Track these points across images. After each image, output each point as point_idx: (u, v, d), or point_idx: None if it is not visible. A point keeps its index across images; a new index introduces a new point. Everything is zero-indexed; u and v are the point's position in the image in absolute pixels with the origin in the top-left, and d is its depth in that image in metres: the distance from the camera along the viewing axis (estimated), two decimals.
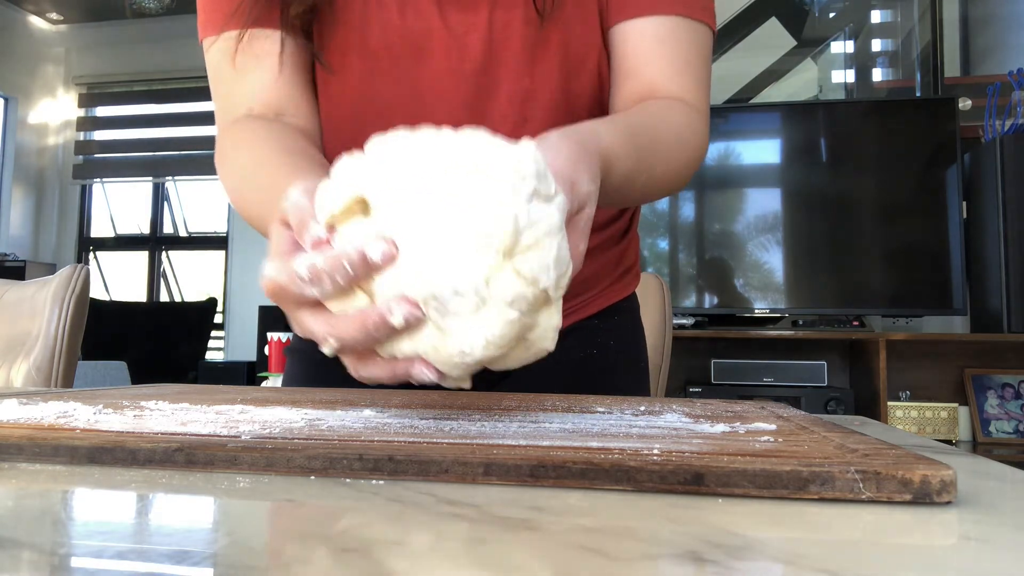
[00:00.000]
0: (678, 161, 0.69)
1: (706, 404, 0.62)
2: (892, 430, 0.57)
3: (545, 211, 0.40)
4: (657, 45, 0.73)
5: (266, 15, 0.73)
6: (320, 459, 0.35)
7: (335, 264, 0.40)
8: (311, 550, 0.24)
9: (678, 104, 0.71)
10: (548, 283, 0.39)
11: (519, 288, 0.39)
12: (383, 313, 0.40)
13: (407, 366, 0.42)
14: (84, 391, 0.71)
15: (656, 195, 0.71)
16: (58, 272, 1.26)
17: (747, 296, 2.87)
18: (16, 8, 4.84)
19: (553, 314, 0.42)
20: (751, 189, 2.98)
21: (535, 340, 0.42)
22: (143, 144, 5.03)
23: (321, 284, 0.41)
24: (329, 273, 0.40)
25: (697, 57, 0.74)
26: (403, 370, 0.42)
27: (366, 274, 0.40)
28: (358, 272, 0.40)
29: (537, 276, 0.39)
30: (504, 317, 0.39)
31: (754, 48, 3.25)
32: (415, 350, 0.41)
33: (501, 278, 0.39)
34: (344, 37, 0.74)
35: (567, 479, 0.33)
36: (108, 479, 0.35)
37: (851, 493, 0.31)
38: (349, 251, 0.40)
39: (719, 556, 0.24)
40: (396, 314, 0.39)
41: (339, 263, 0.40)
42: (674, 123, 0.69)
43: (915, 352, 2.76)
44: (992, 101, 2.74)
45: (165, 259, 5.13)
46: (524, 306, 0.40)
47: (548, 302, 0.41)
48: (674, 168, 0.68)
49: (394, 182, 0.40)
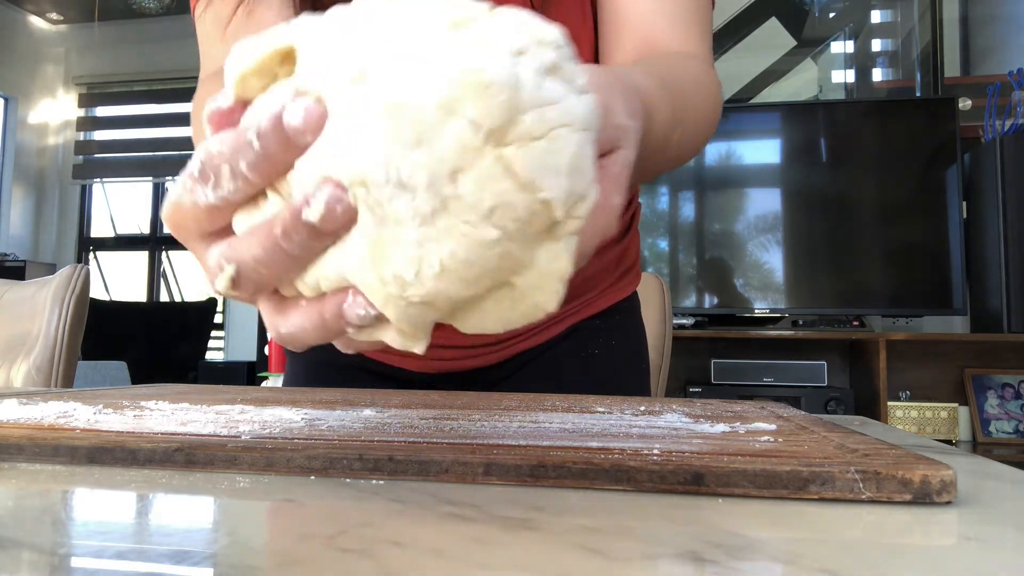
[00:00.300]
0: (706, 113, 0.62)
1: (706, 404, 0.62)
2: (892, 430, 0.57)
3: (566, 92, 0.28)
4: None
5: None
6: (320, 459, 0.35)
7: (237, 143, 0.27)
8: (311, 550, 0.24)
9: (689, 58, 0.65)
10: (555, 194, 0.27)
11: (506, 191, 0.26)
12: (296, 207, 0.27)
13: (336, 302, 0.29)
14: (84, 391, 0.71)
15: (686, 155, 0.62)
16: (58, 272, 1.26)
17: (747, 296, 2.87)
18: (16, 8, 4.84)
19: (559, 253, 0.28)
20: (751, 189, 2.98)
21: (526, 289, 0.28)
22: (143, 144, 5.03)
23: (218, 180, 0.28)
24: (229, 157, 0.27)
25: (699, 10, 0.68)
26: (332, 310, 0.29)
27: (283, 156, 0.27)
28: (271, 151, 0.27)
29: (537, 179, 0.26)
30: (476, 234, 0.26)
31: (754, 48, 3.25)
32: (341, 273, 0.28)
33: (479, 169, 0.26)
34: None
35: (567, 479, 0.33)
36: (108, 479, 0.35)
37: (851, 493, 0.31)
38: (257, 119, 0.27)
39: (719, 556, 0.24)
40: (314, 204, 0.27)
41: (242, 140, 0.27)
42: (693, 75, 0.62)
43: (915, 352, 2.76)
44: (992, 101, 2.74)
45: (165, 259, 5.13)
46: (510, 222, 0.27)
47: (552, 229, 0.28)
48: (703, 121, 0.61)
49: (338, 30, 0.28)
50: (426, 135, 0.26)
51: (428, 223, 0.26)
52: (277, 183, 0.28)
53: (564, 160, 0.27)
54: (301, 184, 0.27)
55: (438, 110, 0.25)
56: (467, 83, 0.26)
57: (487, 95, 0.26)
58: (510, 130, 0.26)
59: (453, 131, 0.26)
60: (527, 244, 0.28)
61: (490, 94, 0.26)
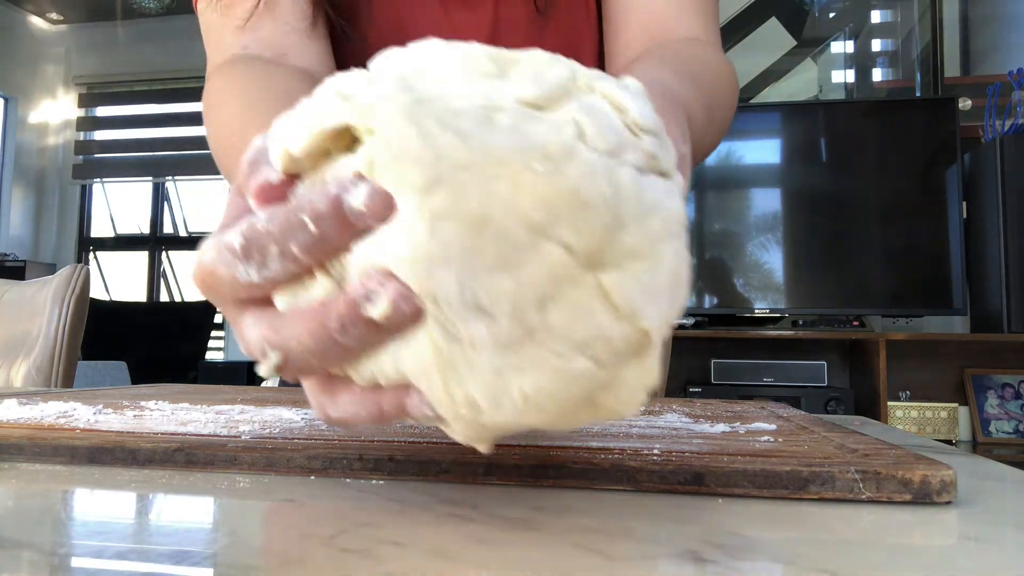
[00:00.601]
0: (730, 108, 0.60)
1: (706, 404, 0.62)
2: (892, 430, 0.57)
3: (667, 193, 0.24)
4: None
5: None
6: (320, 459, 0.35)
7: (288, 223, 0.25)
8: (311, 550, 0.24)
9: (701, 45, 0.62)
10: (655, 321, 0.24)
11: (603, 324, 0.23)
12: (354, 298, 0.24)
13: (397, 396, 0.26)
14: (84, 391, 0.71)
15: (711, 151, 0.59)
16: (58, 272, 1.26)
17: (747, 296, 2.87)
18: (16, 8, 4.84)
19: (649, 367, 0.25)
20: (751, 189, 2.98)
21: (609, 405, 0.25)
22: (143, 144, 5.03)
23: (264, 259, 0.25)
24: (278, 237, 0.25)
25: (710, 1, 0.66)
26: (390, 406, 0.26)
27: (340, 240, 0.24)
28: (328, 234, 0.24)
29: (638, 307, 0.23)
30: (564, 365, 0.23)
31: (754, 48, 3.25)
32: (401, 372, 0.25)
33: (572, 299, 0.23)
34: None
35: (567, 479, 0.33)
36: (108, 479, 0.35)
37: (851, 493, 0.31)
38: (313, 199, 0.24)
39: (719, 556, 0.24)
40: (378, 301, 0.24)
41: (294, 221, 0.25)
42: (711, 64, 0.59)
43: (915, 352, 2.76)
44: (992, 101, 2.74)
45: (165, 259, 5.13)
46: (604, 353, 0.24)
47: (645, 347, 0.25)
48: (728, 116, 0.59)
49: (404, 107, 0.23)
50: (512, 258, 0.22)
51: (509, 351, 0.23)
52: (327, 263, 0.25)
53: (666, 279, 0.24)
54: (359, 268, 0.24)
55: (528, 230, 0.22)
56: (562, 202, 0.22)
57: (585, 216, 0.22)
58: (608, 251, 0.23)
59: (544, 255, 0.22)
60: (618, 368, 0.24)
61: (588, 215, 0.22)
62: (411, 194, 0.23)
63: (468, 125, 0.23)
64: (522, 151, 0.22)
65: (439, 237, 0.22)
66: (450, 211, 0.22)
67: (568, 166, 0.22)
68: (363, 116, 0.24)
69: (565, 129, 0.23)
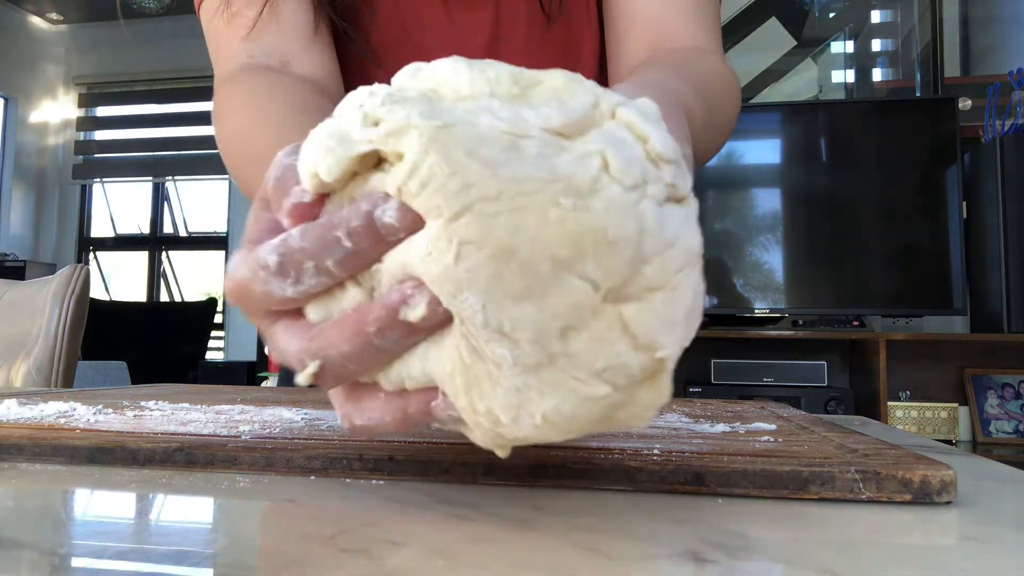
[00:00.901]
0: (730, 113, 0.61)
1: (706, 404, 0.62)
2: (892, 430, 0.57)
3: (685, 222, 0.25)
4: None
5: None
6: (320, 459, 0.35)
7: (324, 240, 0.26)
8: (311, 550, 0.24)
9: (704, 53, 0.63)
10: (671, 350, 0.25)
11: (621, 354, 0.24)
12: (391, 304, 0.25)
13: (422, 403, 0.27)
14: (84, 391, 0.71)
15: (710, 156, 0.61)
16: (58, 272, 1.26)
17: (747, 296, 2.87)
18: (16, 8, 4.84)
19: (661, 387, 0.26)
20: (751, 189, 2.98)
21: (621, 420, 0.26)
22: (143, 144, 5.03)
23: (299, 275, 0.27)
24: (314, 253, 0.26)
25: (711, 7, 0.67)
26: (416, 409, 0.27)
27: (372, 252, 0.26)
28: (362, 248, 0.26)
29: (655, 337, 0.24)
30: (584, 390, 0.24)
31: (754, 48, 3.25)
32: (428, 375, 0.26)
33: (593, 330, 0.24)
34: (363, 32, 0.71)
35: (567, 479, 0.33)
36: (108, 479, 0.35)
37: (851, 493, 0.31)
38: (347, 217, 0.26)
39: (719, 556, 0.24)
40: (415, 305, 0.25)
41: (330, 237, 0.26)
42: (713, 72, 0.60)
43: (915, 352, 2.76)
44: (992, 101, 2.73)
45: (165, 259, 5.13)
46: (623, 381, 0.24)
47: (660, 372, 0.25)
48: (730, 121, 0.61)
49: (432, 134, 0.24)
50: (536, 289, 0.23)
51: (530, 374, 0.24)
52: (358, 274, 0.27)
53: (682, 310, 0.25)
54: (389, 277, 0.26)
55: (553, 264, 0.23)
56: (586, 236, 0.23)
57: (610, 253, 0.23)
58: (630, 284, 0.24)
59: (567, 289, 0.23)
60: (633, 391, 0.25)
61: (613, 252, 0.23)
62: (439, 219, 0.24)
63: (495, 153, 0.23)
64: (549, 183, 0.23)
65: (465, 264, 0.23)
66: (477, 240, 0.23)
67: (594, 201, 0.23)
68: (391, 142, 0.24)
69: (591, 161, 0.24)
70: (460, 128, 0.24)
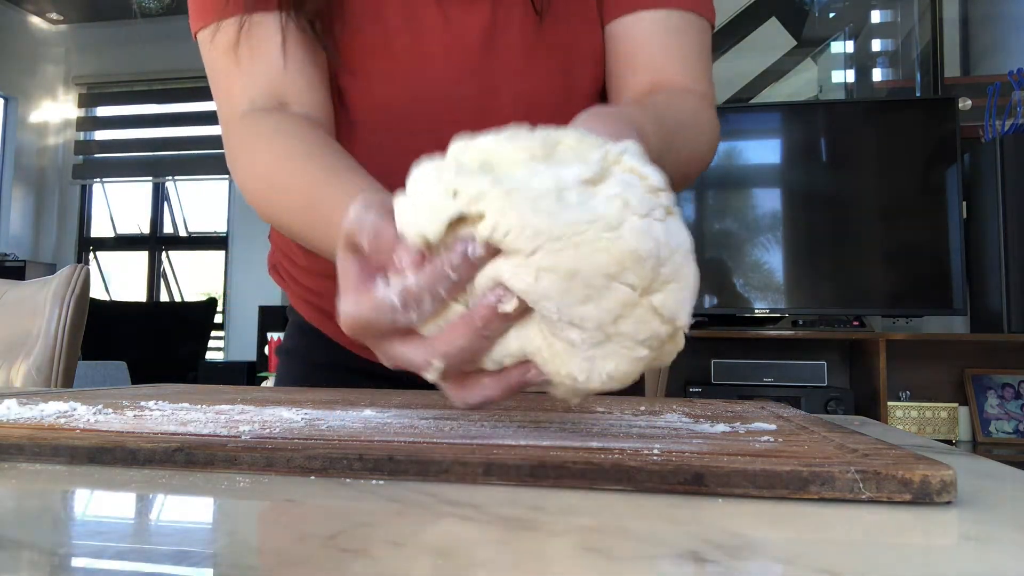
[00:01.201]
0: (699, 144, 0.69)
1: (706, 404, 0.62)
2: (892, 430, 0.57)
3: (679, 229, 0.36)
4: (665, 38, 0.72)
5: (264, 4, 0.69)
6: (320, 459, 0.35)
7: (436, 276, 0.36)
8: (311, 550, 0.24)
9: (690, 94, 0.71)
10: (686, 321, 0.36)
11: (655, 328, 0.35)
12: (491, 303, 0.35)
13: (521, 374, 0.37)
14: (84, 391, 0.71)
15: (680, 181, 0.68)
16: (58, 272, 1.26)
17: (747, 296, 2.87)
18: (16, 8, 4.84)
19: (678, 340, 0.37)
20: (751, 189, 2.97)
21: (655, 365, 0.38)
22: (143, 144, 5.03)
23: (420, 306, 0.36)
24: (430, 287, 0.36)
25: (703, 50, 0.74)
26: (517, 379, 0.38)
27: (468, 277, 0.35)
28: (463, 276, 0.35)
29: (675, 313, 0.35)
30: (633, 354, 0.35)
31: (754, 48, 3.25)
32: (523, 350, 0.37)
33: (634, 316, 0.34)
34: (349, 37, 0.72)
35: (567, 479, 0.33)
36: (108, 479, 0.35)
37: (851, 493, 0.31)
38: (448, 258, 0.35)
39: (719, 556, 0.24)
40: (508, 299, 0.35)
41: (441, 273, 0.35)
42: (690, 109, 0.68)
43: (915, 352, 2.76)
44: (992, 101, 2.74)
45: (165, 259, 5.13)
46: (657, 344, 0.36)
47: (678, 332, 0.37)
48: (697, 152, 0.69)
49: (503, 197, 0.34)
50: (594, 295, 0.34)
51: (595, 347, 0.35)
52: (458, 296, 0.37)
53: (689, 290, 0.36)
54: (481, 288, 0.35)
55: (605, 278, 0.33)
56: (626, 257, 0.33)
57: (641, 265, 0.33)
58: (655, 282, 0.34)
59: (615, 292, 0.34)
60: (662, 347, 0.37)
61: (643, 264, 0.33)
62: (519, 255, 0.34)
63: (550, 205, 0.33)
64: (592, 222, 0.33)
65: (542, 284, 0.34)
66: (549, 267, 0.33)
67: (624, 231, 0.33)
68: (473, 206, 0.35)
69: (615, 202, 0.34)
70: (521, 191, 0.34)
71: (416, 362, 0.38)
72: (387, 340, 0.39)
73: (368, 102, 0.74)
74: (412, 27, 0.72)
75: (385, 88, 0.73)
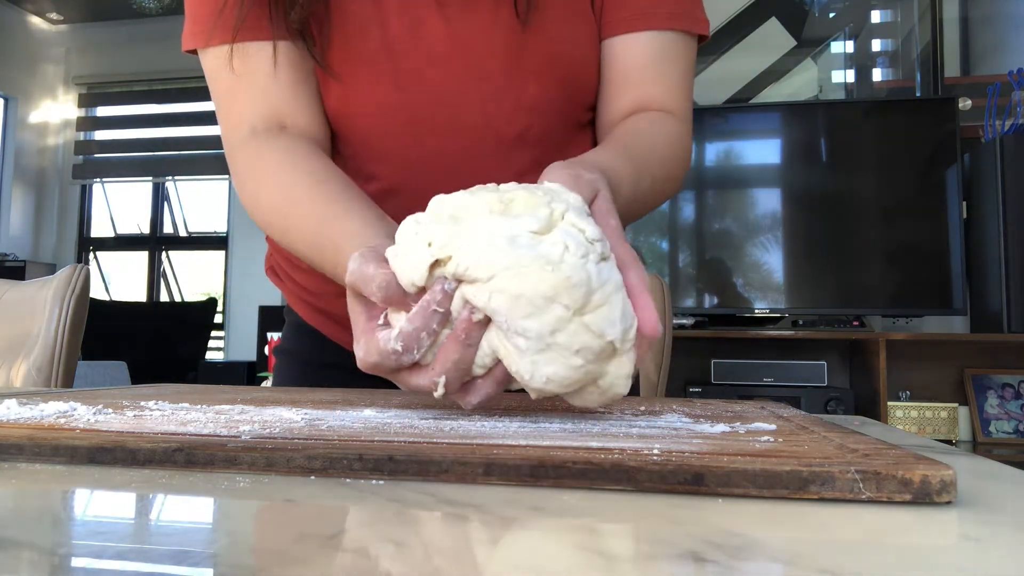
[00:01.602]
0: (674, 169, 0.75)
1: (706, 404, 0.62)
2: (892, 430, 0.57)
3: (611, 270, 0.45)
4: (657, 62, 0.76)
5: (254, 24, 0.71)
6: (320, 459, 0.35)
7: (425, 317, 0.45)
8: (311, 550, 0.24)
9: (668, 118, 0.76)
10: (614, 336, 0.44)
11: (587, 340, 0.43)
12: (467, 318, 0.44)
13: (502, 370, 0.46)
14: (84, 391, 0.71)
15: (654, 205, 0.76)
16: (58, 272, 1.26)
17: (747, 296, 2.87)
18: (16, 8, 4.84)
19: (624, 363, 0.45)
20: (751, 189, 2.98)
21: (607, 387, 0.46)
22: (143, 144, 5.03)
23: (419, 345, 0.45)
24: (424, 327, 0.45)
25: (689, 72, 0.79)
26: (501, 373, 0.46)
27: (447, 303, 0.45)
28: (444, 305, 0.45)
29: (604, 330, 0.43)
30: (568, 362, 0.44)
31: (754, 48, 3.25)
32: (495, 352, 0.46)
33: (568, 331, 0.43)
34: (341, 41, 0.72)
35: (567, 479, 0.33)
36: (108, 479, 0.35)
37: (851, 493, 0.31)
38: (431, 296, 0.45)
39: (719, 556, 0.24)
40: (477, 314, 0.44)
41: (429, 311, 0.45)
42: (664, 137, 0.74)
43: (915, 352, 2.76)
44: (992, 101, 2.74)
45: (165, 259, 5.13)
46: (590, 356, 0.44)
47: (616, 353, 0.45)
48: (671, 175, 0.75)
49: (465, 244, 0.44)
50: (535, 313, 0.42)
51: (537, 353, 0.44)
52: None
53: (617, 313, 0.44)
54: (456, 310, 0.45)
55: (544, 300, 0.42)
56: (561, 284, 0.42)
57: (573, 291, 0.42)
58: (586, 305, 0.43)
59: (553, 311, 0.42)
60: (602, 363, 0.45)
61: (575, 290, 0.42)
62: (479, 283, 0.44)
63: (503, 245, 0.43)
64: (537, 259, 0.42)
65: (494, 302, 0.43)
66: (499, 289, 0.43)
67: (563, 266, 0.42)
68: (443, 252, 0.44)
69: (557, 247, 0.43)
70: (480, 236, 0.44)
71: (424, 386, 0.47)
72: (397, 375, 0.48)
73: (370, 108, 0.74)
74: (413, 31, 0.72)
75: (388, 93, 0.73)
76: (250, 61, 0.72)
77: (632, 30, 0.76)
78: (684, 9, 0.76)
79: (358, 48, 0.72)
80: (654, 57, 0.76)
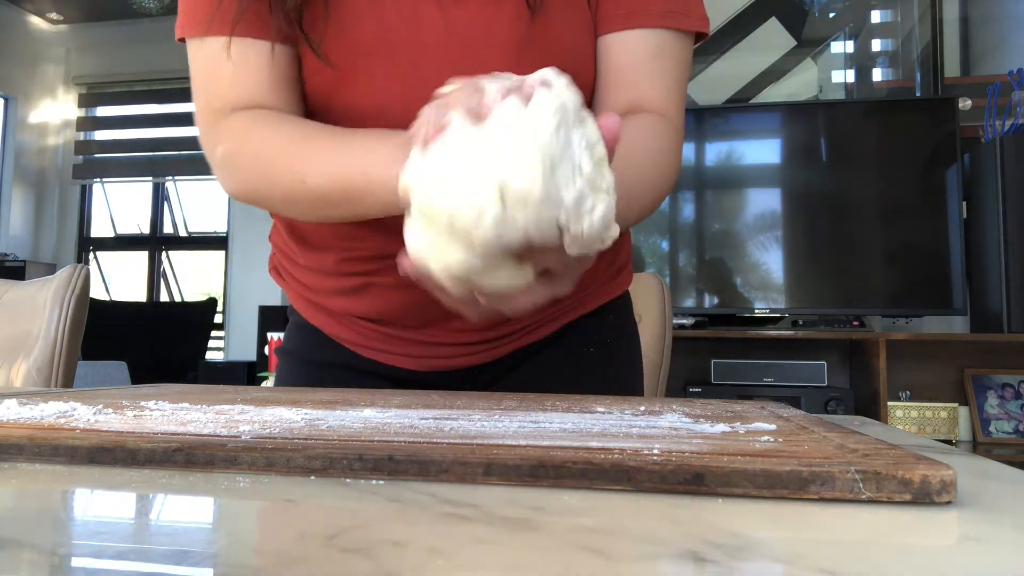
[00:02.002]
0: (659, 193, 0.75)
1: (706, 404, 0.62)
2: (892, 430, 0.57)
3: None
4: (650, 61, 0.76)
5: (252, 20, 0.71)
6: (320, 459, 0.35)
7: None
8: (311, 550, 0.24)
9: (661, 122, 0.75)
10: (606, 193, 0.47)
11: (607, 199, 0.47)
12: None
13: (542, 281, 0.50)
14: (84, 391, 0.71)
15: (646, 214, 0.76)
16: (58, 272, 1.26)
17: (747, 296, 2.87)
18: (16, 8, 4.84)
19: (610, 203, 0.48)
20: (751, 189, 2.97)
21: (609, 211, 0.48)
22: (143, 144, 5.03)
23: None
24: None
25: (683, 72, 0.78)
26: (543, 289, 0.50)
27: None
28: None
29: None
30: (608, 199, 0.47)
31: (754, 48, 3.25)
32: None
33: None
34: (337, 31, 0.72)
35: (567, 479, 0.33)
36: (108, 479, 0.35)
37: (851, 493, 0.31)
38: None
39: (719, 556, 0.24)
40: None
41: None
42: (659, 140, 0.73)
43: (915, 352, 2.76)
44: (992, 101, 2.74)
45: (165, 259, 5.13)
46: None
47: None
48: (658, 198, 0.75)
49: (417, 185, 0.48)
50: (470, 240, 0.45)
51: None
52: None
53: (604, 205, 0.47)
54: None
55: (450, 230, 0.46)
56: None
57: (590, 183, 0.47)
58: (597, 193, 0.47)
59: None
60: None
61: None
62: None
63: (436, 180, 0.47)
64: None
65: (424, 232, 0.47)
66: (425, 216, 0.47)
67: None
68: (406, 194, 0.48)
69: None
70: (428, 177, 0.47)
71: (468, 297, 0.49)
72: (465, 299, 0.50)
73: (367, 100, 0.74)
74: (411, 24, 0.72)
75: (385, 85, 0.73)
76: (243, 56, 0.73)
77: (625, 27, 0.76)
78: (678, 7, 0.76)
79: (354, 39, 0.72)
80: (647, 55, 0.76)
